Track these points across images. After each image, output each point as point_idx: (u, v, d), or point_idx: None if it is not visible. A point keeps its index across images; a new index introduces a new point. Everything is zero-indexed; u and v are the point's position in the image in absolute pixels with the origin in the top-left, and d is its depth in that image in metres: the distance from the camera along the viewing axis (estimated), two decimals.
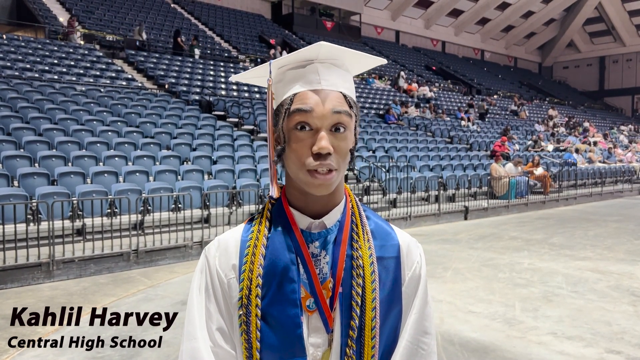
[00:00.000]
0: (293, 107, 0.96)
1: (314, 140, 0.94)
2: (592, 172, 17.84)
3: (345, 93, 0.99)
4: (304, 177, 0.95)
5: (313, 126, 0.95)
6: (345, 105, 0.97)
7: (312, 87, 0.97)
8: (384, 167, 12.06)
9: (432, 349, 1.05)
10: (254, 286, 0.97)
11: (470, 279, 6.26)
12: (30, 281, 5.96)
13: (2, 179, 7.31)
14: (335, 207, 1.03)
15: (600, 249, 8.08)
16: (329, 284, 0.99)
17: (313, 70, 0.98)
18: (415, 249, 1.08)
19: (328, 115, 0.95)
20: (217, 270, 1.02)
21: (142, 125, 11.14)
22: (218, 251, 1.04)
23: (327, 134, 0.94)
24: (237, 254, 1.02)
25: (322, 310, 0.98)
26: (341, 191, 1.05)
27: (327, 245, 1.01)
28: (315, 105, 0.95)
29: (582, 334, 4.36)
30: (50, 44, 15.05)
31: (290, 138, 0.96)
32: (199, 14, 24.42)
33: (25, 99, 10.84)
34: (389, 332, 1.02)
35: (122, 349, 4.05)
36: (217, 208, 8.27)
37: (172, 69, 16.38)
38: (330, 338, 0.99)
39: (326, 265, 1.00)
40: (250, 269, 0.99)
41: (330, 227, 1.02)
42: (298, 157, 0.95)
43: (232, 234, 1.06)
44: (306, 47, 0.99)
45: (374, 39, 32.87)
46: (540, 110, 30.17)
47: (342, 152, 0.96)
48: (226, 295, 1.01)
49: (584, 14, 39.18)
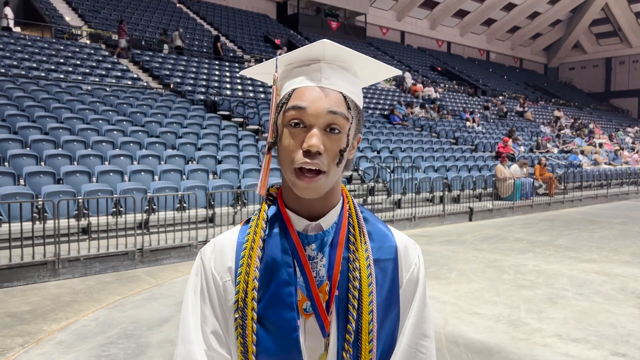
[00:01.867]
0: (289, 103, 0.94)
1: (305, 137, 0.92)
2: (598, 173, 17.77)
3: (345, 94, 0.96)
4: (292, 178, 0.93)
5: (307, 123, 0.92)
6: (343, 106, 0.94)
7: (312, 83, 0.95)
8: (389, 168, 12.05)
9: (431, 352, 1.03)
10: (250, 289, 0.96)
11: (475, 280, 6.24)
12: (36, 279, 5.99)
13: (9, 178, 7.35)
14: (332, 209, 1.01)
15: (606, 251, 8.04)
16: (325, 287, 0.98)
17: (317, 69, 0.97)
18: (413, 250, 1.06)
19: (322, 114, 0.92)
20: (213, 273, 1.01)
21: (147, 124, 11.18)
22: (213, 253, 1.02)
23: (320, 132, 0.92)
24: (233, 257, 1.00)
25: (318, 313, 0.97)
26: (338, 193, 1.02)
27: (323, 248, 0.99)
28: (310, 103, 0.92)
29: (587, 336, 4.35)
30: (56, 43, 15.12)
31: (283, 134, 0.94)
32: (205, 13, 24.48)
33: (31, 98, 10.90)
34: (387, 336, 1.01)
35: (127, 347, 4.06)
36: (222, 207, 8.29)
37: (177, 68, 16.42)
38: (327, 342, 0.98)
39: (323, 268, 0.98)
40: (246, 271, 0.97)
41: (327, 230, 1.00)
42: (288, 152, 0.93)
43: (228, 236, 1.04)
44: (310, 44, 0.97)
45: (379, 40, 32.86)
46: (545, 111, 30.08)
47: (334, 154, 0.93)
48: (221, 298, 1.00)
49: (590, 15, 39.05)
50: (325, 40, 0.95)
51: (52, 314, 4.85)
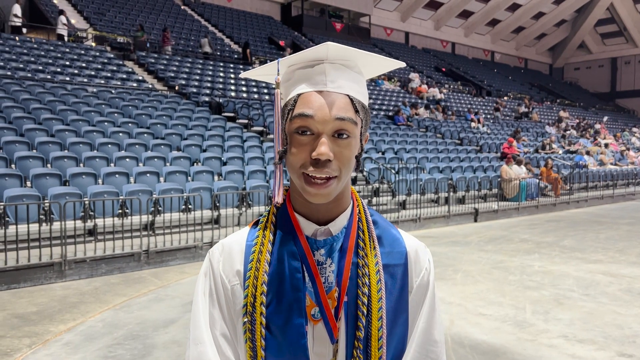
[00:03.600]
0: (295, 110, 0.93)
1: (314, 145, 0.91)
2: (604, 174, 17.69)
3: (352, 96, 0.94)
4: (301, 184, 0.92)
5: (314, 131, 0.91)
6: (350, 111, 0.93)
7: (317, 88, 0.93)
8: (394, 169, 12.04)
9: (441, 358, 1.02)
10: (259, 294, 0.95)
11: (481, 281, 6.23)
12: (43, 281, 6.02)
13: (15, 180, 7.39)
14: (341, 213, 1.00)
15: (612, 252, 8.01)
16: (334, 293, 0.96)
17: (321, 71, 0.95)
18: (423, 255, 1.04)
19: (330, 121, 0.91)
20: (221, 275, 1.00)
21: (152, 126, 11.21)
22: (222, 256, 1.01)
23: (328, 139, 0.91)
24: (242, 260, 0.99)
25: (327, 320, 0.95)
26: (347, 197, 1.01)
27: (332, 253, 0.98)
28: (317, 110, 0.91)
29: (594, 337, 4.33)
30: (62, 45, 15.20)
31: (292, 141, 0.93)
32: (209, 15, 24.54)
33: (37, 100, 10.96)
34: (397, 342, 1.00)
35: (134, 348, 4.08)
36: (227, 209, 8.31)
37: (182, 70, 16.47)
38: (335, 348, 0.97)
39: (332, 274, 0.97)
40: (255, 275, 0.96)
41: (336, 234, 0.98)
42: (297, 161, 0.92)
43: (237, 239, 1.03)
44: (314, 46, 0.96)
45: (383, 40, 32.84)
46: (551, 112, 29.97)
47: (344, 159, 0.92)
48: (229, 301, 0.99)
49: (596, 15, 38.88)
50: (329, 42, 0.94)
51: (59, 315, 4.88)
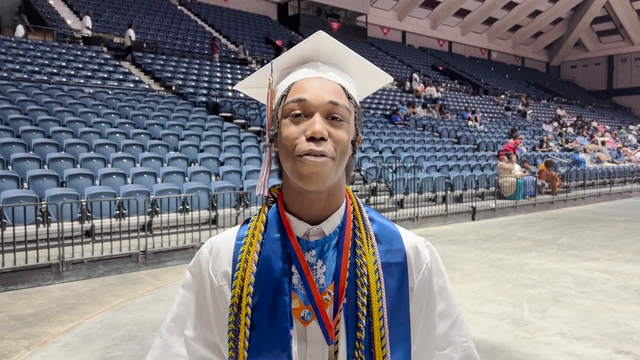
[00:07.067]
0: (289, 97, 0.92)
1: (308, 125, 0.89)
2: (601, 172, 17.74)
3: (344, 86, 0.94)
4: (294, 165, 0.89)
5: (308, 112, 0.90)
6: (343, 97, 0.92)
7: (310, 75, 0.94)
8: (391, 168, 12.06)
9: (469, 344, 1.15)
10: (245, 294, 0.93)
11: (478, 279, 6.24)
12: (40, 282, 6.01)
13: (12, 181, 7.38)
14: (334, 211, 0.96)
15: (609, 249, 8.03)
16: (325, 295, 0.94)
17: (314, 66, 0.96)
18: (423, 250, 1.02)
19: (323, 104, 0.90)
20: (210, 275, 0.99)
21: (149, 127, 11.20)
22: (211, 255, 1.00)
23: (322, 120, 0.89)
24: (230, 260, 0.98)
25: (322, 321, 0.93)
26: (341, 194, 0.98)
27: (324, 254, 0.95)
28: (311, 93, 0.90)
29: (591, 335, 4.35)
30: (58, 46, 15.17)
31: (284, 124, 0.91)
32: (206, 15, 24.51)
33: (34, 102, 10.94)
34: (401, 340, 0.97)
35: (132, 349, 4.08)
36: (225, 209, 8.30)
37: (179, 71, 16.46)
38: (335, 350, 0.94)
39: (323, 275, 0.94)
40: (242, 276, 0.94)
41: (328, 235, 0.96)
42: (290, 141, 0.89)
43: (226, 238, 1.01)
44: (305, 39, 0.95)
45: (380, 40, 32.85)
46: (548, 110, 30.02)
47: (338, 141, 0.90)
48: (217, 300, 0.98)
49: (592, 13, 38.98)
50: (321, 32, 0.93)
51: (56, 317, 4.87)
